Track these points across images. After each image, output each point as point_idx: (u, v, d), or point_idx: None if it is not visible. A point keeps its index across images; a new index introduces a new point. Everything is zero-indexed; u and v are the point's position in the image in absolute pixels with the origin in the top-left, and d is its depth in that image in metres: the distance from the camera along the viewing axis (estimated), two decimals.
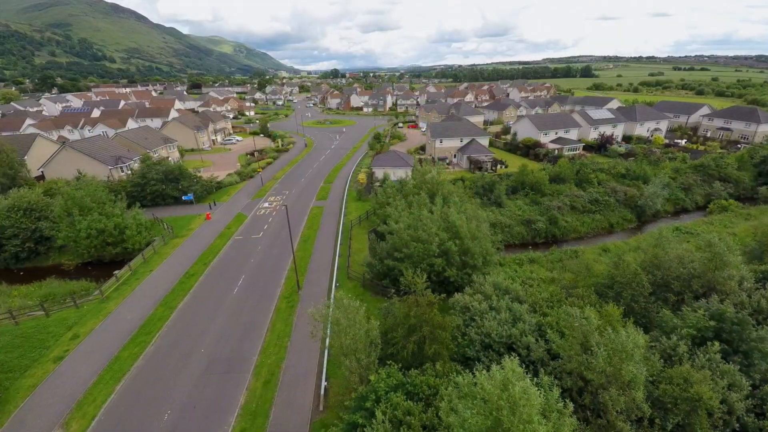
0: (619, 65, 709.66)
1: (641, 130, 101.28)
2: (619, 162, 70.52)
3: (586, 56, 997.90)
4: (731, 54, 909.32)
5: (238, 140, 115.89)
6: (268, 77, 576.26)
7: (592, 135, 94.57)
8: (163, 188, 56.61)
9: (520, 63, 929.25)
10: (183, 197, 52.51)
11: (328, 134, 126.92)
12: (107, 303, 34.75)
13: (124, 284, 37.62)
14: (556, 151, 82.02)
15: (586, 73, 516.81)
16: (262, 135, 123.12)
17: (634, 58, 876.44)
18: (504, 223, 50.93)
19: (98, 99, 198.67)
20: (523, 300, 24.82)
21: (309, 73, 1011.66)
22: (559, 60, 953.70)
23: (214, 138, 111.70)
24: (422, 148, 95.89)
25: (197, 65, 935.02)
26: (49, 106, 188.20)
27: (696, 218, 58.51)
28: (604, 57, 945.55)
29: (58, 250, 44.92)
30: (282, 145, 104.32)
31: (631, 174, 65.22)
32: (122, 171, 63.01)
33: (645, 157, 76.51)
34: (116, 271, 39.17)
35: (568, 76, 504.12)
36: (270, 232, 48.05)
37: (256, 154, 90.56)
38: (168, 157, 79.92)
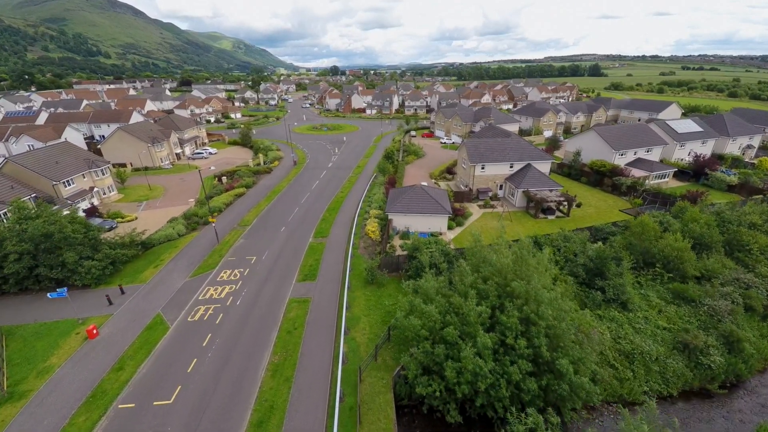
0: (624, 64, 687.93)
1: (732, 146, 77.23)
2: None
3: (588, 55, 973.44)
4: (734, 54, 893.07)
5: (211, 153, 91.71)
6: (265, 74, 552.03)
7: (677, 155, 70.49)
8: (33, 265, 32.69)
9: (521, 61, 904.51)
10: (49, 294, 28.57)
11: (325, 145, 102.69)
12: None
13: None
14: (646, 180, 57.97)
15: (595, 71, 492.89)
16: (246, 146, 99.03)
17: (638, 56, 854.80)
18: (646, 353, 27.11)
19: (66, 98, 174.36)
20: None
21: (308, 70, 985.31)
22: (562, 58, 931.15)
23: (179, 151, 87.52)
24: (449, 171, 71.73)
25: (195, 61, 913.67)
26: (8, 107, 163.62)
27: None
28: (607, 56, 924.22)
29: None
30: (264, 163, 79.94)
31: None
32: None
33: None
34: None
35: (576, 75, 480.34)
36: (199, 386, 23.94)
37: (224, 180, 66.03)
38: (92, 188, 55.82)
